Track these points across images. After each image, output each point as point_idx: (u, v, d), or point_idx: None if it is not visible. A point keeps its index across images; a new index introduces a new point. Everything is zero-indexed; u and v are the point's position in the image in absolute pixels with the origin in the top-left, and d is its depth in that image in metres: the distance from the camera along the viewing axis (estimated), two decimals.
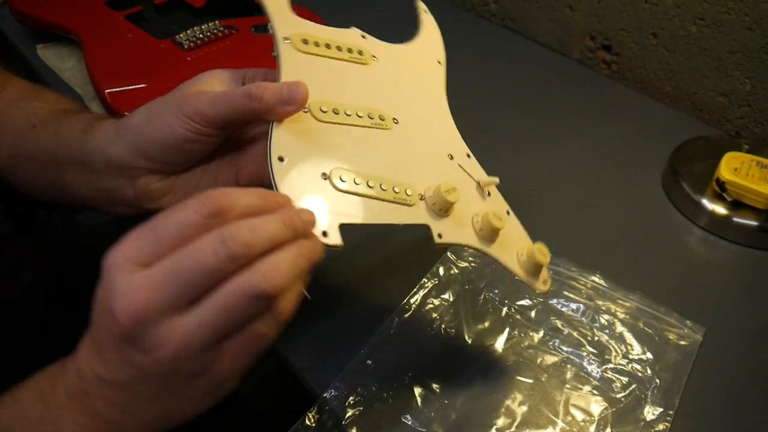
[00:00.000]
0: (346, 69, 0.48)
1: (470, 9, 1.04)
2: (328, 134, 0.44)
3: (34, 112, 0.52)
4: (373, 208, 0.42)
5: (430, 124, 0.50)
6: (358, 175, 0.42)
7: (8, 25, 0.92)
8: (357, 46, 0.50)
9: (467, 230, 0.45)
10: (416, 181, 0.45)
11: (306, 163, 0.42)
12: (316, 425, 0.47)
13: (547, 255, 0.46)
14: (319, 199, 0.40)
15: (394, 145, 0.46)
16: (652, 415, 0.48)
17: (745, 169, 0.63)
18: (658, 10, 0.78)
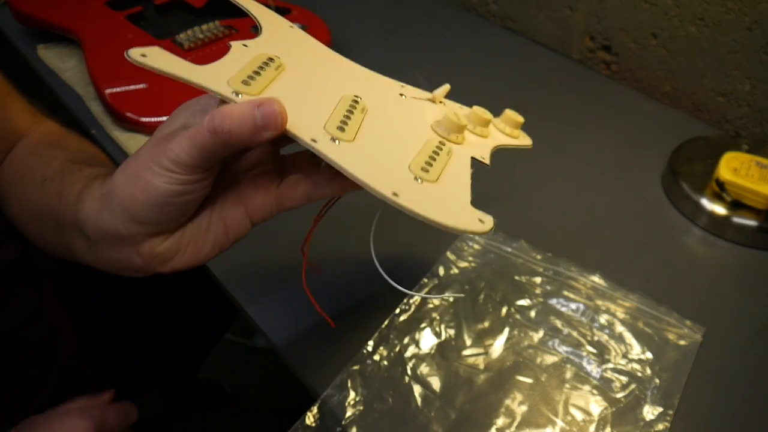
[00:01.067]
0: (292, 79, 0.42)
1: (470, 9, 1.04)
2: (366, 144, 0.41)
3: (48, 162, 0.48)
4: (452, 174, 0.42)
5: (363, 81, 0.47)
6: (418, 158, 0.42)
7: (8, 25, 0.92)
8: (263, 56, 0.42)
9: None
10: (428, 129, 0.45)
11: (403, 180, 0.40)
12: (316, 425, 0.47)
13: (519, 120, 0.53)
14: (443, 199, 0.40)
15: (386, 117, 0.44)
16: (651, 415, 0.48)
17: (745, 169, 0.63)
18: (658, 10, 0.79)
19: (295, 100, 0.40)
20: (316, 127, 0.40)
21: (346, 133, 0.40)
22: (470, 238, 0.62)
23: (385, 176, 0.39)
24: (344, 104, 0.42)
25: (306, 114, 0.40)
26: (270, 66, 0.42)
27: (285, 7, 0.89)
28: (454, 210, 0.39)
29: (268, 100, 0.36)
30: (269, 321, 0.54)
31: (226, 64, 0.41)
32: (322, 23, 0.88)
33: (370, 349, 0.52)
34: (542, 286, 0.57)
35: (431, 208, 0.38)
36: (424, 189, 0.40)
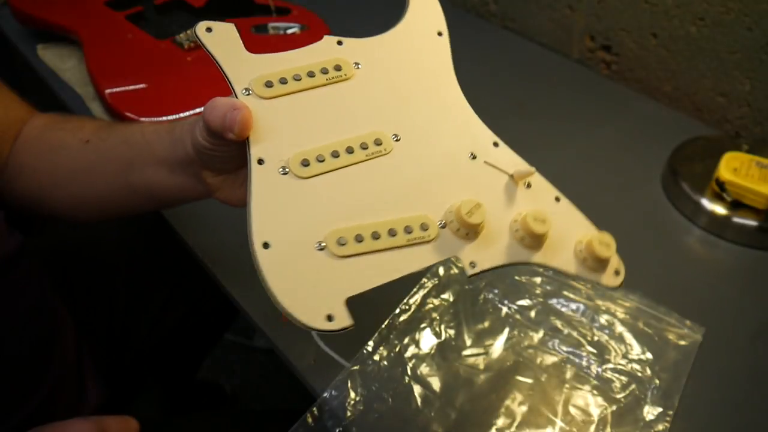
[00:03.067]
0: (324, 98, 0.42)
1: (470, 9, 1.04)
2: (316, 190, 0.39)
3: (76, 132, 0.53)
4: (384, 264, 0.37)
5: (440, 122, 0.44)
6: (360, 228, 0.38)
7: (9, 25, 0.92)
8: (333, 61, 0.43)
9: (504, 245, 0.40)
10: (434, 205, 0.40)
11: (296, 239, 0.37)
12: (316, 425, 0.47)
13: (611, 245, 0.40)
14: (318, 279, 0.36)
15: (399, 169, 0.41)
16: (651, 415, 0.48)
17: (745, 169, 0.63)
18: (658, 11, 0.79)
19: (293, 117, 0.41)
20: (280, 151, 0.40)
21: (304, 169, 0.39)
22: None
23: (269, 229, 0.37)
24: (346, 142, 0.41)
25: (289, 134, 0.40)
26: (309, 77, 0.42)
27: (285, 7, 0.89)
28: (300, 296, 0.36)
29: (240, 107, 0.39)
30: (269, 321, 0.54)
31: (284, 59, 0.43)
32: (322, 23, 0.88)
33: (370, 349, 0.52)
34: (542, 286, 0.57)
35: (278, 281, 0.36)
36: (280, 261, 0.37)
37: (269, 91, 0.41)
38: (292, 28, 0.87)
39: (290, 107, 0.41)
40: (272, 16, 0.88)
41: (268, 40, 0.86)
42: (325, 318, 0.36)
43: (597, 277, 0.41)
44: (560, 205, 0.43)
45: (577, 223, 0.42)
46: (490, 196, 0.41)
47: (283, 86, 0.42)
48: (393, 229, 0.38)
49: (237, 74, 0.42)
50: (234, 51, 0.42)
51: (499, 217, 0.40)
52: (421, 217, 0.39)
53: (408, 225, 0.39)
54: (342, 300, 0.36)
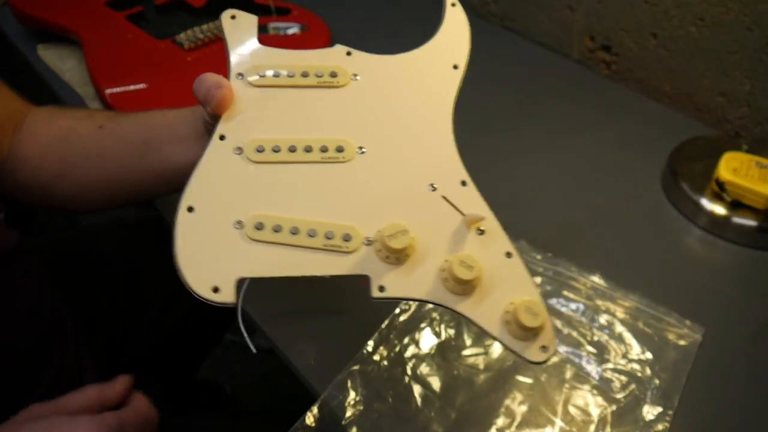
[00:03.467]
0: (307, 98, 0.44)
1: (470, 9, 1.04)
2: (259, 176, 0.41)
3: (85, 119, 0.56)
4: (291, 259, 0.38)
5: (414, 148, 0.43)
6: (283, 220, 0.39)
7: (9, 25, 0.92)
8: (331, 68, 0.45)
9: (425, 281, 0.38)
10: (369, 221, 0.39)
11: (219, 211, 0.39)
12: (316, 425, 0.47)
13: (538, 315, 0.36)
14: (220, 252, 0.37)
15: (350, 180, 0.41)
16: (651, 415, 0.48)
17: (745, 169, 0.63)
18: (658, 10, 0.79)
19: (270, 107, 0.44)
20: (242, 133, 0.42)
21: (256, 155, 0.41)
22: None
23: (199, 195, 0.39)
24: (309, 141, 0.42)
25: (259, 121, 0.43)
26: (302, 77, 0.45)
27: (285, 7, 0.89)
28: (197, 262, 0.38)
29: (223, 86, 0.43)
30: (269, 321, 0.54)
31: (290, 56, 0.46)
32: (322, 23, 0.88)
33: (370, 349, 0.52)
34: (542, 286, 0.57)
35: (184, 243, 0.38)
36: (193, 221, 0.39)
37: (259, 80, 0.44)
38: (292, 28, 0.87)
39: (271, 98, 0.44)
40: (272, 16, 0.88)
41: (268, 41, 0.85)
42: (211, 289, 0.37)
43: (519, 347, 0.37)
44: (509, 261, 0.39)
45: (518, 285, 0.39)
46: (433, 230, 0.39)
47: (274, 78, 0.44)
48: (314, 230, 0.39)
49: (239, 59, 0.45)
50: (246, 40, 0.46)
51: (432, 253, 0.39)
52: (347, 228, 0.39)
53: (330, 231, 0.39)
54: (234, 277, 0.37)
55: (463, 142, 0.60)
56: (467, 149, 0.74)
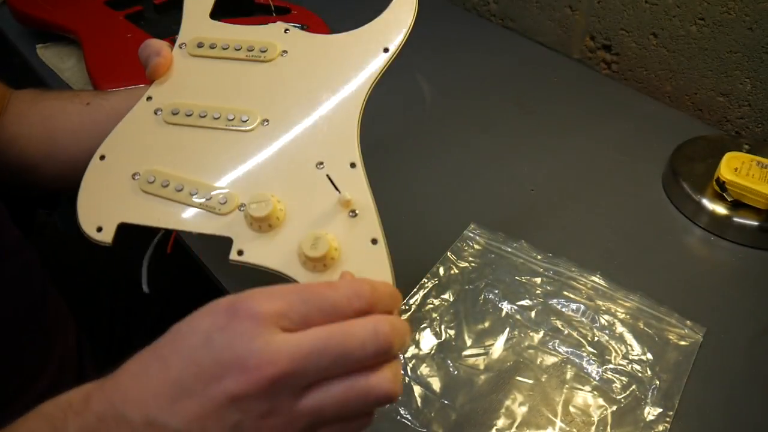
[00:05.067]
0: (233, 69, 0.48)
1: (470, 9, 1.04)
2: (168, 136, 0.45)
3: (71, 99, 0.57)
4: (168, 213, 0.41)
5: (316, 126, 0.44)
6: (171, 177, 0.42)
7: (8, 25, 0.92)
8: (264, 43, 0.48)
9: (283, 252, 0.39)
10: (248, 188, 0.42)
11: (123, 163, 0.43)
12: None
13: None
14: (113, 196, 0.42)
15: (244, 149, 0.44)
16: (651, 415, 0.48)
17: (746, 169, 0.63)
18: (658, 10, 0.78)
19: (198, 76, 0.47)
20: (167, 97, 0.46)
21: (171, 117, 0.45)
22: (471, 238, 0.61)
23: (113, 147, 0.44)
24: (219, 109, 0.45)
25: (185, 88, 0.47)
26: (235, 50, 0.48)
27: (285, 7, 0.89)
28: (92, 203, 0.43)
29: (162, 55, 0.47)
30: None
31: (232, 30, 0.50)
32: (322, 23, 0.88)
33: None
34: (542, 286, 0.57)
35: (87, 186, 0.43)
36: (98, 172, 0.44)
37: (197, 51, 0.49)
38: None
39: (202, 67, 0.48)
40: (272, 16, 0.88)
41: None
42: (96, 228, 0.41)
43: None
44: (373, 247, 0.39)
45: (375, 271, 0.38)
46: (306, 205, 0.40)
47: (210, 50, 0.48)
48: (196, 190, 0.42)
49: (187, 30, 0.50)
50: (200, 13, 0.50)
51: (297, 227, 0.40)
52: (226, 194, 0.42)
53: (209, 193, 0.42)
54: (116, 221, 0.41)
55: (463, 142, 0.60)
56: (467, 149, 0.74)
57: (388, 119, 0.78)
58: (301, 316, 0.31)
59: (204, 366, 0.30)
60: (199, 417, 0.30)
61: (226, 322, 0.31)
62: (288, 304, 0.31)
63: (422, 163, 0.72)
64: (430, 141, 0.75)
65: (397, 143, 0.75)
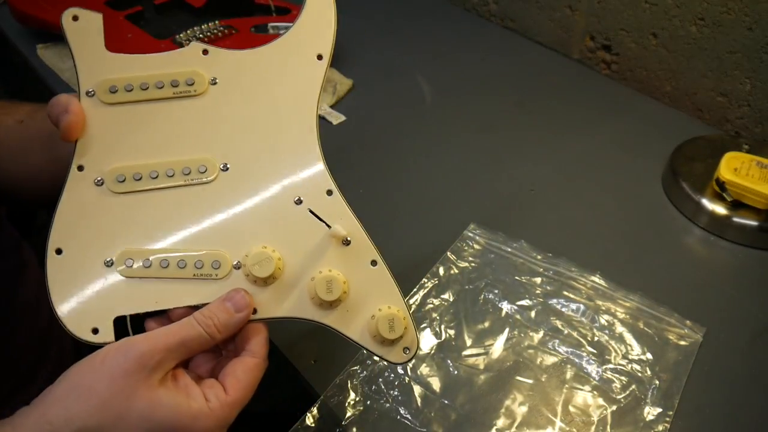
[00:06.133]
0: (164, 112, 0.41)
1: (470, 9, 1.04)
2: (123, 208, 0.39)
3: (11, 113, 0.54)
4: (163, 292, 0.38)
5: (278, 157, 0.41)
6: (152, 253, 0.38)
7: (8, 25, 0.92)
8: (187, 74, 0.41)
9: (295, 299, 0.39)
10: (237, 244, 0.39)
11: (88, 251, 0.38)
12: (316, 425, 0.47)
13: (397, 329, 0.38)
14: (94, 293, 0.38)
15: (214, 201, 0.40)
16: (651, 415, 0.48)
17: (745, 169, 0.63)
18: (658, 10, 0.78)
19: (127, 128, 0.40)
20: (102, 162, 0.40)
21: (118, 185, 0.39)
22: (471, 238, 0.62)
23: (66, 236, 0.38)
24: (170, 164, 0.40)
25: (117, 146, 0.40)
26: (157, 88, 0.41)
27: (285, 7, 0.89)
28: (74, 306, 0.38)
29: (71, 111, 0.39)
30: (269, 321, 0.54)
31: (141, 62, 0.42)
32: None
33: None
34: (542, 286, 0.57)
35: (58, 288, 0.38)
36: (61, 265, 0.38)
37: (111, 97, 0.40)
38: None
39: (127, 117, 0.40)
40: (272, 16, 0.88)
41: (267, 40, 0.85)
42: (91, 330, 0.37)
43: (384, 352, 0.39)
44: (374, 269, 0.40)
45: (384, 292, 0.40)
46: (299, 246, 0.40)
47: (127, 93, 0.40)
48: (183, 261, 0.38)
49: (88, 72, 0.40)
50: (93, 46, 0.41)
51: (300, 272, 0.39)
52: (216, 254, 0.39)
53: (199, 260, 0.39)
54: (111, 317, 0.37)
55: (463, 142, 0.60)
56: (467, 149, 0.74)
57: (388, 119, 0.79)
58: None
59: None
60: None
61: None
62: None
63: (422, 163, 0.72)
64: (430, 141, 0.75)
65: (397, 143, 0.75)
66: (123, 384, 0.35)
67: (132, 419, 0.34)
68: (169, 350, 0.36)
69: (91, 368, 0.36)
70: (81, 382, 0.35)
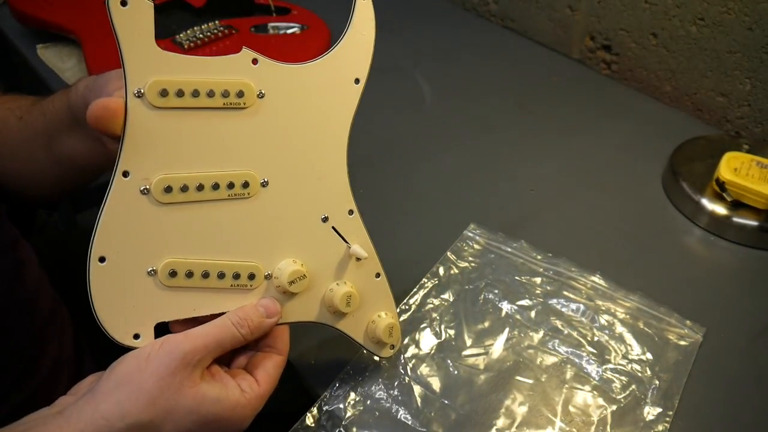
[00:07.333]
0: (213, 123, 0.40)
1: (470, 9, 1.04)
2: (169, 219, 0.40)
3: (12, 109, 0.55)
4: (203, 301, 0.41)
5: (311, 178, 0.43)
6: (194, 265, 0.40)
7: (8, 25, 0.92)
8: (238, 85, 0.40)
9: (315, 306, 0.45)
10: (270, 257, 0.43)
11: (132, 260, 0.39)
12: (316, 425, 0.47)
13: (395, 334, 0.47)
14: (137, 300, 0.39)
15: (253, 217, 0.42)
16: (651, 415, 0.48)
17: (745, 169, 0.63)
18: (658, 10, 0.78)
19: (175, 136, 0.40)
20: (148, 169, 0.39)
21: (164, 196, 0.40)
22: (471, 238, 0.62)
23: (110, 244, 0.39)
24: (215, 177, 0.40)
25: (164, 153, 0.40)
26: (208, 97, 0.40)
27: (285, 7, 0.89)
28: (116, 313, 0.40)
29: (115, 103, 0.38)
30: None
31: (192, 65, 0.40)
32: (322, 23, 0.88)
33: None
34: (542, 286, 0.57)
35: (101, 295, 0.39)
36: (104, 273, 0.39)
37: (161, 101, 0.39)
38: (292, 28, 0.87)
39: (176, 124, 0.40)
40: (272, 16, 0.88)
41: (268, 40, 0.85)
42: (132, 336, 0.40)
43: (377, 350, 0.48)
44: (377, 281, 0.46)
45: (383, 301, 0.47)
46: (322, 260, 0.44)
47: (177, 99, 0.39)
48: (222, 272, 0.41)
49: (137, 69, 0.38)
50: (143, 39, 0.38)
51: (320, 283, 0.44)
52: (252, 267, 0.42)
53: (237, 271, 0.42)
54: (152, 323, 0.40)
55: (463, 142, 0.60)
56: (467, 149, 0.74)
57: (388, 119, 0.79)
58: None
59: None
60: None
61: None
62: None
63: (422, 163, 0.72)
64: (430, 141, 0.75)
65: (397, 143, 0.75)
66: (170, 381, 0.37)
67: (180, 413, 0.37)
68: (207, 349, 0.39)
69: (138, 366, 0.38)
70: (130, 380, 0.37)
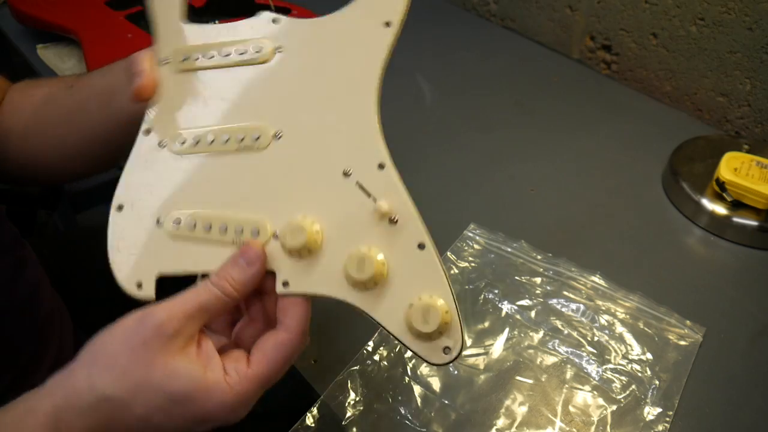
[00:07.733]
0: (228, 78, 0.42)
1: (470, 9, 1.04)
2: (180, 170, 0.41)
3: (57, 84, 0.56)
4: (203, 255, 0.39)
5: (333, 128, 0.40)
6: (199, 217, 0.39)
7: (8, 25, 0.92)
8: (255, 42, 0.42)
9: (329, 276, 0.37)
10: (279, 213, 0.38)
11: (143, 209, 0.40)
12: (316, 425, 0.47)
13: (431, 321, 0.33)
14: (143, 248, 0.40)
15: (263, 170, 0.40)
16: (651, 415, 0.48)
17: (745, 169, 0.63)
18: (658, 10, 0.78)
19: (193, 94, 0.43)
20: (167, 126, 0.42)
21: (178, 147, 0.41)
22: (471, 238, 0.62)
23: (127, 194, 0.41)
24: (227, 130, 0.41)
25: (182, 111, 0.42)
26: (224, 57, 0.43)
27: (285, 7, 0.89)
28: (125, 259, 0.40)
29: (141, 74, 0.43)
30: None
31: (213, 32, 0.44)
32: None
33: (370, 349, 0.52)
34: (542, 286, 0.57)
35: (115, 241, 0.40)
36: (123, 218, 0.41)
37: (184, 65, 0.43)
38: None
39: (195, 83, 0.43)
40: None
41: None
42: (136, 284, 0.39)
43: (420, 348, 0.35)
44: (420, 253, 0.36)
45: (429, 278, 0.35)
46: (342, 221, 0.37)
47: (195, 62, 0.43)
48: (225, 226, 0.39)
49: (165, 41, 0.44)
50: (173, 16, 0.44)
51: (338, 247, 0.37)
52: (256, 222, 0.38)
53: (240, 226, 0.38)
54: (154, 274, 0.39)
55: (463, 142, 0.60)
56: (467, 149, 0.74)
57: (387, 119, 0.78)
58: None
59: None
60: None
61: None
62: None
63: (422, 163, 0.72)
64: (430, 141, 0.75)
65: (396, 143, 0.75)
66: (142, 352, 0.34)
67: (149, 390, 0.34)
68: (188, 316, 0.35)
69: (112, 337, 0.36)
70: (103, 350, 0.36)
